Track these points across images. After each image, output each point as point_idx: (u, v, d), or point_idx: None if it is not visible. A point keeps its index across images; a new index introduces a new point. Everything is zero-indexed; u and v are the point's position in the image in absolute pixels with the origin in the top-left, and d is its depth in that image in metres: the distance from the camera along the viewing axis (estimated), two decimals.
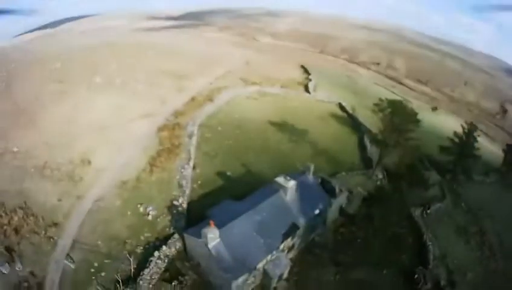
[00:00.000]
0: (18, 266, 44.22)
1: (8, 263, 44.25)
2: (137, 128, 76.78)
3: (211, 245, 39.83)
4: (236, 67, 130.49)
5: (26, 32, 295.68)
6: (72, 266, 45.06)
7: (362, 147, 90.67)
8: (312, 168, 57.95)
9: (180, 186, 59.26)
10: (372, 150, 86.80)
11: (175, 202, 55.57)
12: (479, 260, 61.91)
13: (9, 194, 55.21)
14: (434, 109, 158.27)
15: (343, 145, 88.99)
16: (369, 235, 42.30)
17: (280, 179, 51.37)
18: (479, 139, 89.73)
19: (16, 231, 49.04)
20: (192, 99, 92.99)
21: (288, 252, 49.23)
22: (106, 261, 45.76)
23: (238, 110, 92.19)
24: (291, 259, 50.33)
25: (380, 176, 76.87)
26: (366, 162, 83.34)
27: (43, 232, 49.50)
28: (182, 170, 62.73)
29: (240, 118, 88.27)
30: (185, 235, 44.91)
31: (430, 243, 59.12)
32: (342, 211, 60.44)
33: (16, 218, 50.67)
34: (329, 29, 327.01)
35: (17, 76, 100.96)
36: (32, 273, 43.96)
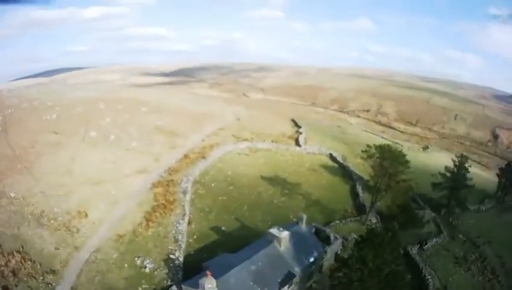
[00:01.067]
0: None
1: None
2: (132, 184, 77.81)
3: None
4: (227, 124, 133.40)
5: (21, 78, 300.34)
6: None
7: (354, 194, 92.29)
8: (305, 218, 60.05)
9: (176, 240, 60.08)
10: (365, 197, 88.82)
11: (171, 256, 56.38)
12: (481, 284, 63.71)
13: (6, 237, 56.68)
14: (425, 148, 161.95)
15: (335, 195, 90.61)
16: (364, 276, 42.91)
17: (273, 230, 53.13)
18: (471, 169, 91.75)
19: (14, 273, 50.02)
20: (185, 156, 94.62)
21: None
22: None
23: (230, 166, 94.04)
24: None
25: (374, 220, 78.73)
26: (359, 209, 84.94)
27: (41, 277, 50.29)
28: (178, 225, 63.74)
29: (232, 174, 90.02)
30: (183, 286, 45.31)
31: (429, 276, 61.14)
32: (337, 257, 61.45)
33: (13, 261, 51.78)
34: (319, 80, 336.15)
35: (13, 122, 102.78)
36: None
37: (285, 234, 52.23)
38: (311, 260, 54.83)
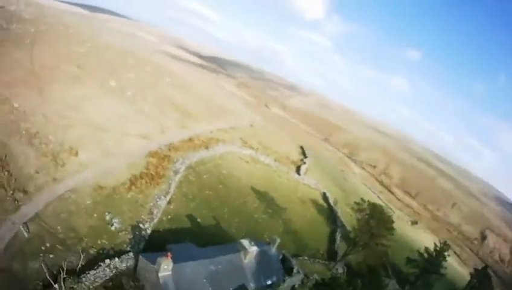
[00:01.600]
0: None
1: None
2: (130, 144, 78.62)
3: (160, 274, 40.74)
4: (239, 126, 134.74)
5: (64, 2, 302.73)
6: (26, 235, 45.47)
7: (331, 239, 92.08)
8: (278, 242, 60.24)
9: (151, 213, 60.12)
10: (340, 245, 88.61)
11: (141, 225, 56.40)
12: None
13: None
14: (414, 222, 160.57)
15: (314, 232, 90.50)
16: None
17: (245, 242, 53.58)
18: (448, 259, 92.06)
19: None
20: (190, 139, 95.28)
21: None
22: (59, 246, 46.18)
23: (227, 166, 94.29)
24: None
25: (340, 270, 78.36)
26: (330, 254, 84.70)
27: (11, 192, 50.32)
28: (158, 200, 63.85)
29: (227, 173, 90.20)
30: (140, 256, 45.62)
31: None
32: None
33: None
34: (339, 119, 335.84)
35: (43, 40, 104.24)
36: None
37: (253, 249, 52.66)
38: (268, 283, 55.02)
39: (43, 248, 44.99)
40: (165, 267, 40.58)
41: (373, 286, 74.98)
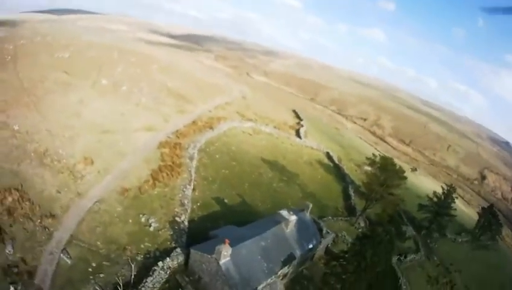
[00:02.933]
0: (9, 249, 42.56)
1: None
2: (139, 139, 77.52)
3: (221, 262, 42.08)
4: (233, 100, 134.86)
5: (31, 12, 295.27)
6: (69, 261, 43.83)
7: (346, 195, 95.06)
8: (310, 207, 62.48)
9: (182, 204, 60.40)
10: (356, 200, 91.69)
11: (177, 219, 56.81)
12: None
13: (4, 171, 54.06)
14: (413, 169, 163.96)
15: (328, 192, 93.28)
16: (360, 269, 45.57)
17: (284, 212, 55.55)
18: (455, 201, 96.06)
19: (9, 212, 47.32)
20: (193, 122, 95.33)
21: (282, 279, 51.88)
22: (105, 263, 45.45)
23: (234, 142, 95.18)
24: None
25: (362, 224, 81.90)
26: (349, 210, 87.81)
27: (39, 220, 47.92)
28: (184, 190, 64.24)
29: (236, 150, 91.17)
30: (192, 250, 46.55)
31: (404, 286, 65.26)
32: (327, 250, 65.04)
33: (9, 198, 49.10)
34: (322, 78, 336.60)
35: (24, 54, 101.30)
36: (23, 260, 42.34)
37: (293, 218, 54.58)
38: (310, 246, 57.68)
39: (90, 269, 44.11)
40: (225, 253, 41.91)
41: (397, 234, 78.78)
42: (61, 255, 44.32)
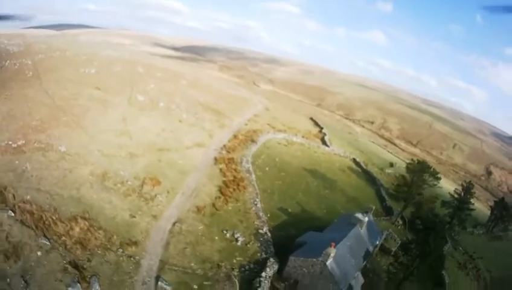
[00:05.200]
0: (95, 288, 39.32)
1: (79, 283, 38.72)
2: (194, 156, 79.80)
3: (328, 262, 48.01)
4: (259, 112, 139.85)
5: (31, 28, 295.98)
6: (169, 288, 42.75)
7: (380, 197, 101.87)
8: (373, 209, 72.03)
9: (259, 217, 64.09)
10: (390, 201, 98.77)
11: (260, 231, 60.39)
12: (476, 287, 77.94)
13: (63, 199, 50.23)
14: None
15: (365, 195, 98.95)
16: (425, 254, 54.04)
17: (359, 215, 63.08)
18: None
19: (82, 245, 43.42)
20: (235, 137, 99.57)
21: None
22: (206, 283, 45.81)
23: (275, 154, 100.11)
24: None
25: (401, 222, 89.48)
26: (386, 210, 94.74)
27: (120, 250, 45.43)
28: (255, 203, 68.26)
29: (279, 161, 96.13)
30: (292, 257, 51.66)
31: (443, 272, 71.71)
32: (382, 246, 72.13)
33: (77, 228, 45.11)
34: (326, 83, 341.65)
35: (46, 69, 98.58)
36: None
37: (366, 219, 62.69)
38: (377, 243, 66.22)
39: None
40: (332, 254, 48.13)
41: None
42: (159, 282, 42.68)
